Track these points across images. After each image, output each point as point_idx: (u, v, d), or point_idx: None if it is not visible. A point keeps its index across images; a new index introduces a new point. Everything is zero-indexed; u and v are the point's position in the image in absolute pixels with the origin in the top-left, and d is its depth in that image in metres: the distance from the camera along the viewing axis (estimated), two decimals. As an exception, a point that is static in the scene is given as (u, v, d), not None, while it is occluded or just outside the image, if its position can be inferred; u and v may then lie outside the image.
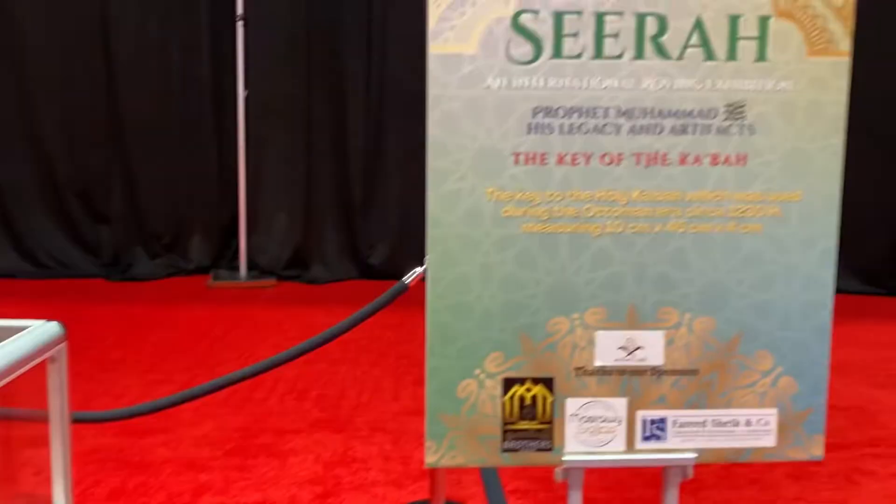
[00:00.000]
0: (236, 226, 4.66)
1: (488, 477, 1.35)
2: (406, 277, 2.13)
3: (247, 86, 4.49)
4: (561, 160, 1.21)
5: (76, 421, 1.23)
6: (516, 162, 1.20)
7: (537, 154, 1.20)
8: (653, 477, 2.36)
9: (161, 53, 4.62)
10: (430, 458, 1.14)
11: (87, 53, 4.58)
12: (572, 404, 1.22)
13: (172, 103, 4.65)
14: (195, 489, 2.28)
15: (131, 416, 2.18)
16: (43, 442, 1.43)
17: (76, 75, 4.58)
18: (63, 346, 1.14)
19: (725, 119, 1.23)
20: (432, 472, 2.13)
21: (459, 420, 1.14)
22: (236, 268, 4.66)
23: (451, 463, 1.16)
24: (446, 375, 1.14)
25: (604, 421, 1.22)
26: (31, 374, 1.08)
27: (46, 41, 4.54)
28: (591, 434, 1.21)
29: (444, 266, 1.16)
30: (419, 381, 3.14)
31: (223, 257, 4.77)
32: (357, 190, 4.77)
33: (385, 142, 4.74)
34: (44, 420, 1.35)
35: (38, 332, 1.09)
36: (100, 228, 4.69)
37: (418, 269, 2.13)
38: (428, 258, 1.14)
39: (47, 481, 1.29)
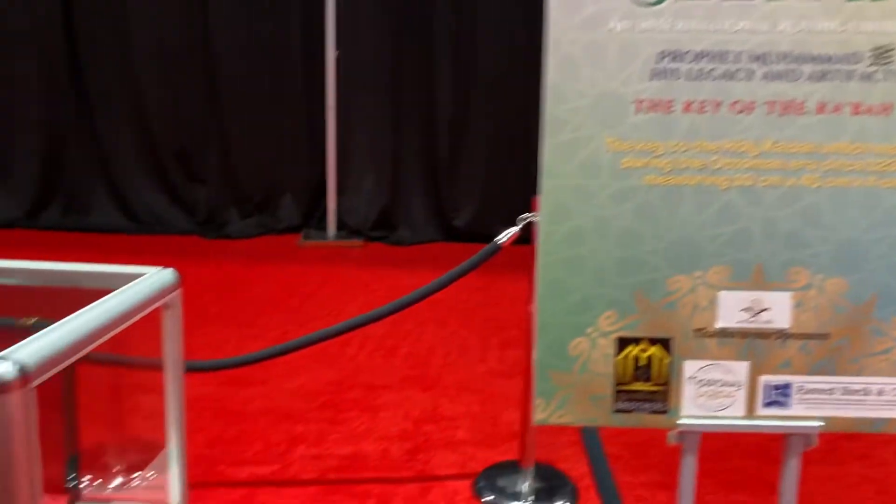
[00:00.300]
0: (325, 187, 4.70)
1: (590, 439, 1.31)
2: (499, 238, 2.08)
3: (337, 46, 4.49)
4: (687, 108, 1.13)
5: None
6: (638, 109, 1.12)
7: (662, 101, 1.12)
8: (753, 447, 2.26)
9: (254, 17, 4.66)
10: (539, 416, 1.10)
11: (183, 20, 4.66)
12: (690, 366, 1.15)
13: (265, 66, 4.70)
14: (290, 440, 2.32)
15: (234, 366, 2.22)
16: (152, 388, 1.45)
17: (174, 42, 4.68)
18: (178, 293, 1.14)
19: (870, 65, 1.12)
20: (523, 434, 2.10)
21: (570, 378, 1.09)
22: (325, 228, 4.72)
23: (559, 421, 1.12)
24: (557, 333, 1.09)
25: (723, 385, 1.15)
26: (141, 323, 1.08)
27: (146, 9, 4.64)
28: (710, 398, 1.15)
29: (557, 219, 1.10)
30: (505, 344, 3.13)
31: (312, 217, 4.82)
32: (443, 152, 4.73)
33: (473, 104, 4.67)
34: (157, 367, 1.37)
35: (154, 278, 1.09)
36: (196, 188, 4.81)
37: (512, 230, 2.08)
38: (540, 210, 1.09)
39: (157, 426, 1.31)
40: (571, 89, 1.10)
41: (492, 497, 2.03)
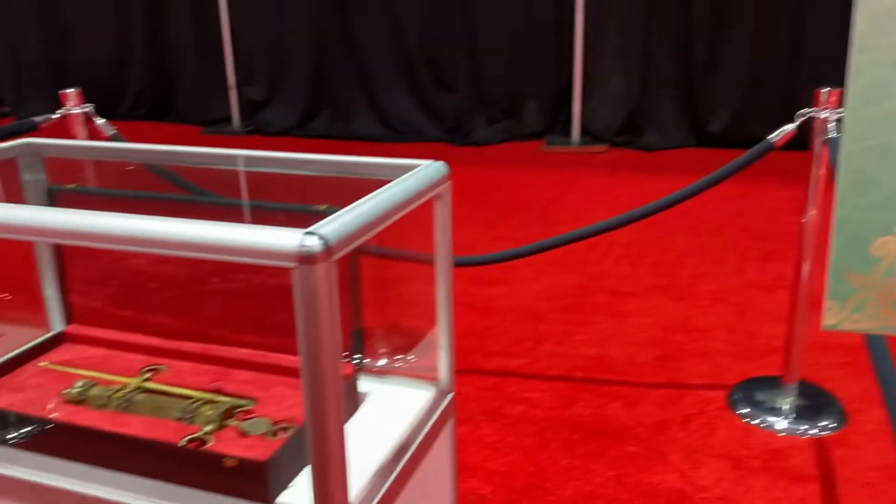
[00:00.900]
0: (570, 91, 4.60)
1: (878, 351, 1.17)
2: (772, 136, 1.90)
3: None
4: None
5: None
6: None
7: None
8: None
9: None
10: (830, 320, 0.99)
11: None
12: None
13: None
14: (536, 337, 2.37)
15: (484, 262, 2.29)
16: (415, 278, 1.53)
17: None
18: (448, 184, 1.17)
19: None
20: (787, 348, 1.96)
21: (871, 281, 0.97)
22: (569, 133, 4.64)
23: (854, 327, 1.00)
24: (858, 230, 0.96)
25: None
26: (408, 217, 1.12)
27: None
28: None
29: (869, 100, 0.95)
30: (766, 257, 2.91)
31: (556, 122, 4.77)
32: (699, 50, 4.38)
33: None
34: (420, 259, 1.44)
35: (428, 170, 1.12)
36: (445, 96, 4.94)
37: (788, 127, 1.88)
38: (849, 91, 0.95)
39: (418, 314, 1.38)
40: (897, -56, 0.92)
41: (748, 410, 1.94)
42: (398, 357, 1.39)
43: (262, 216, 1.18)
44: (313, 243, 0.76)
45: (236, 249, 0.80)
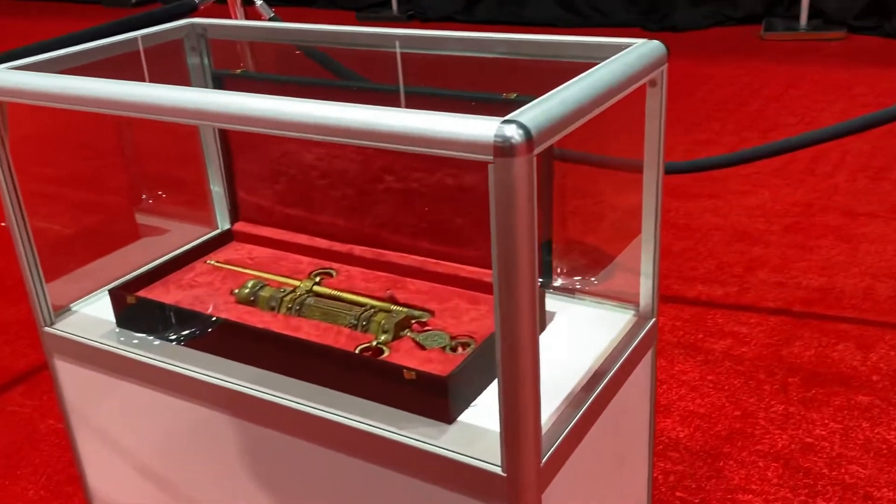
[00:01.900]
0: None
1: None
2: None
3: None
4: None
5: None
6: None
7: None
8: None
9: None
10: None
11: None
12: None
13: None
14: (748, 262, 2.28)
15: (685, 171, 2.20)
16: (607, 187, 1.49)
17: None
18: (664, 68, 1.10)
19: None
20: None
21: None
22: (795, 16, 4.34)
23: None
24: None
25: None
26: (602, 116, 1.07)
27: None
28: None
29: None
30: None
31: (779, 4, 4.46)
32: None
33: None
34: (617, 165, 1.39)
35: (642, 49, 1.06)
36: (641, -29, 4.73)
37: None
38: None
39: (612, 230, 1.35)
40: None
41: None
42: (591, 275, 1.37)
43: (445, 105, 1.18)
44: (512, 133, 0.74)
45: (422, 139, 0.79)
